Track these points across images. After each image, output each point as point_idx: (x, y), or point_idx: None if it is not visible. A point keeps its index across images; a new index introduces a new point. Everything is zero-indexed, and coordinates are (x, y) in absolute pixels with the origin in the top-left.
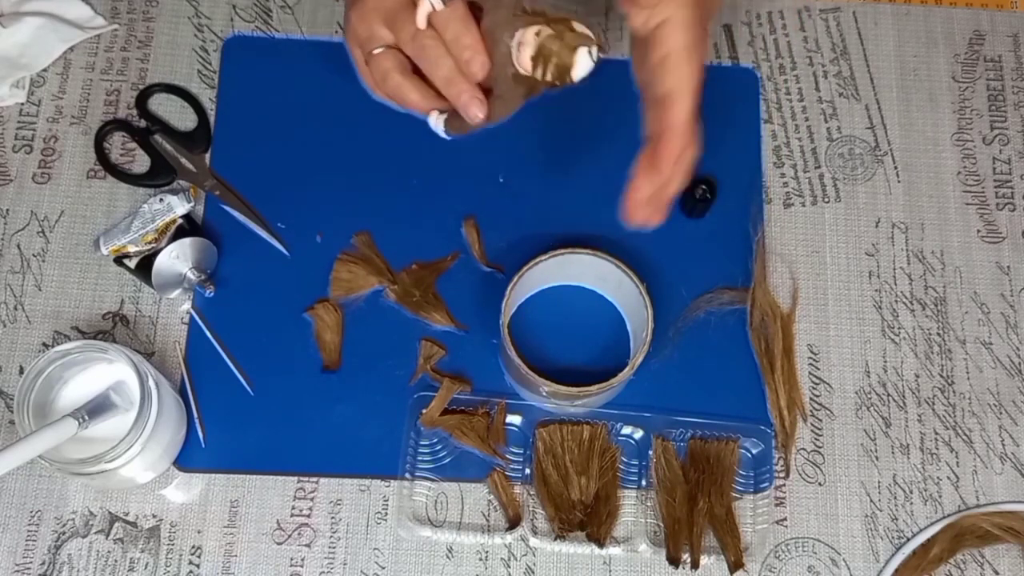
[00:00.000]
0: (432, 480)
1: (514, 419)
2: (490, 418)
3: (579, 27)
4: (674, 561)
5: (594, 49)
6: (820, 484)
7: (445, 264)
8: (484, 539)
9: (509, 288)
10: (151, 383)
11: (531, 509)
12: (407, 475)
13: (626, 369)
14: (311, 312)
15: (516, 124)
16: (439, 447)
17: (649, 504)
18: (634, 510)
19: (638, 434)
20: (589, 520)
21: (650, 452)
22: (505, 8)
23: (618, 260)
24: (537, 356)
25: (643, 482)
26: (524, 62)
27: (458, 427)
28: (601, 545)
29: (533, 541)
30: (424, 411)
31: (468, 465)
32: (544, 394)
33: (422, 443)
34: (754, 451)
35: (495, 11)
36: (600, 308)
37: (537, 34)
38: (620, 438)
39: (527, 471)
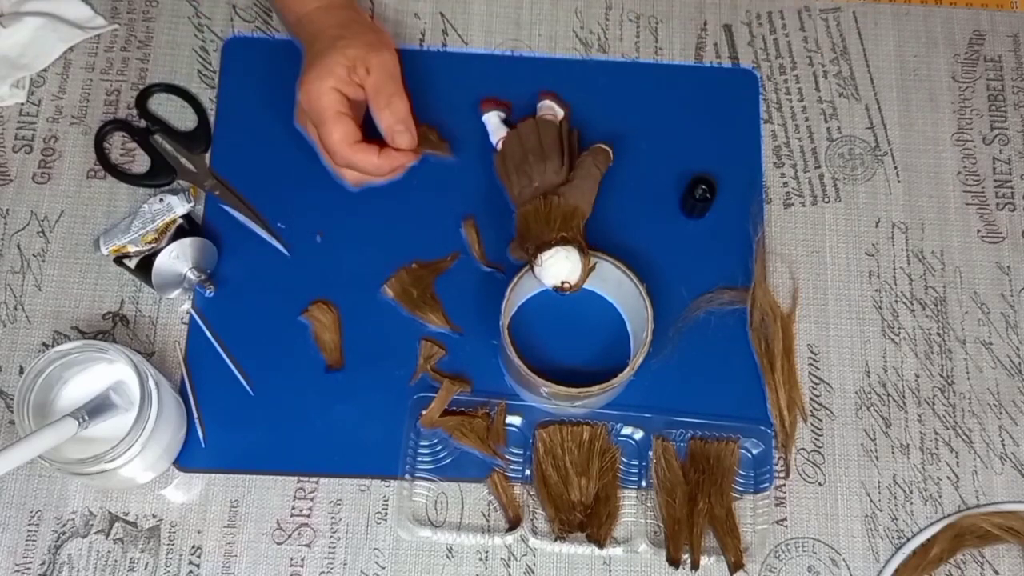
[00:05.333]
0: (432, 480)
1: (514, 420)
2: (490, 419)
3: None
4: (674, 562)
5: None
6: (820, 484)
7: (445, 264)
8: (484, 539)
9: (509, 289)
10: (151, 383)
11: (531, 510)
12: (407, 476)
13: (626, 370)
14: (306, 315)
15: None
16: (439, 447)
17: (649, 505)
18: (634, 511)
19: (638, 434)
20: (589, 521)
21: (650, 453)
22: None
23: (618, 260)
24: (537, 357)
25: (643, 483)
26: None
27: (458, 428)
28: (601, 546)
29: (533, 542)
30: (424, 412)
31: (468, 465)
32: (544, 395)
33: (422, 443)
34: (754, 451)
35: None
36: (600, 309)
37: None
38: (620, 438)
39: (527, 472)
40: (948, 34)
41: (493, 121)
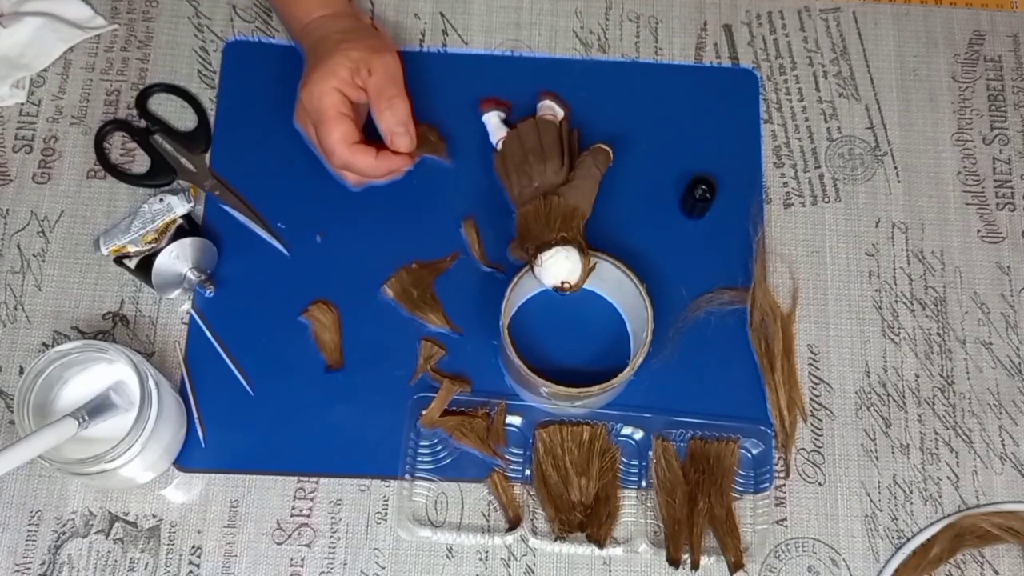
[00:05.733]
0: (432, 480)
1: (514, 420)
2: (490, 419)
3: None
4: (674, 562)
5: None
6: (820, 484)
7: (445, 264)
8: (484, 540)
9: (509, 289)
10: (151, 383)
11: (531, 510)
12: (407, 476)
13: (626, 370)
14: (306, 315)
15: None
16: (439, 447)
17: (649, 505)
18: (634, 511)
19: (638, 435)
20: (589, 521)
21: (650, 453)
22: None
23: (618, 261)
24: (537, 357)
25: (643, 483)
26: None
27: (458, 428)
28: (601, 546)
29: (533, 542)
30: (424, 412)
31: (468, 465)
32: (544, 395)
33: (422, 443)
34: (754, 451)
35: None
36: (600, 309)
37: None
38: (620, 438)
39: (527, 472)
40: (948, 34)
41: (493, 121)
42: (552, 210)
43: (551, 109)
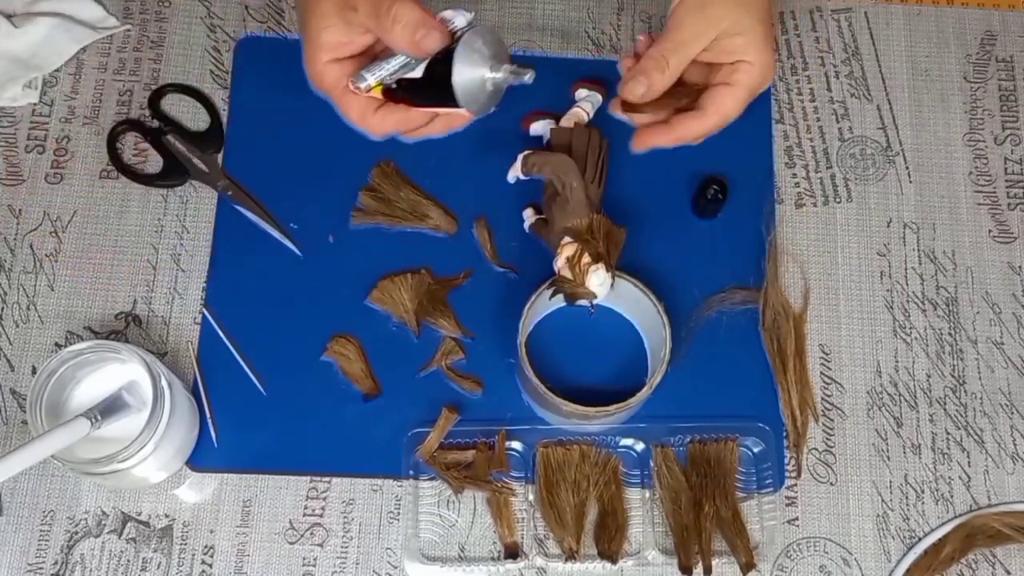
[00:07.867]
0: (439, 517)
1: (514, 444)
2: (491, 450)
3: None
4: (686, 569)
5: (600, 271)
6: (832, 484)
7: (457, 281)
8: (495, 568)
9: (526, 308)
10: (164, 383)
11: (540, 533)
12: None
13: (644, 389)
14: (329, 353)
15: None
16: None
17: (656, 514)
18: (641, 522)
19: (640, 445)
20: (599, 537)
21: (651, 462)
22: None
23: (636, 279)
24: (554, 373)
25: (648, 493)
26: (559, 264)
27: (455, 480)
28: (614, 561)
29: (543, 563)
30: (421, 446)
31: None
32: (564, 413)
33: (423, 479)
34: (755, 449)
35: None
36: (618, 326)
37: (570, 258)
38: (620, 449)
39: (531, 496)
40: (960, 34)
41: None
42: (601, 226)
43: (587, 99)
